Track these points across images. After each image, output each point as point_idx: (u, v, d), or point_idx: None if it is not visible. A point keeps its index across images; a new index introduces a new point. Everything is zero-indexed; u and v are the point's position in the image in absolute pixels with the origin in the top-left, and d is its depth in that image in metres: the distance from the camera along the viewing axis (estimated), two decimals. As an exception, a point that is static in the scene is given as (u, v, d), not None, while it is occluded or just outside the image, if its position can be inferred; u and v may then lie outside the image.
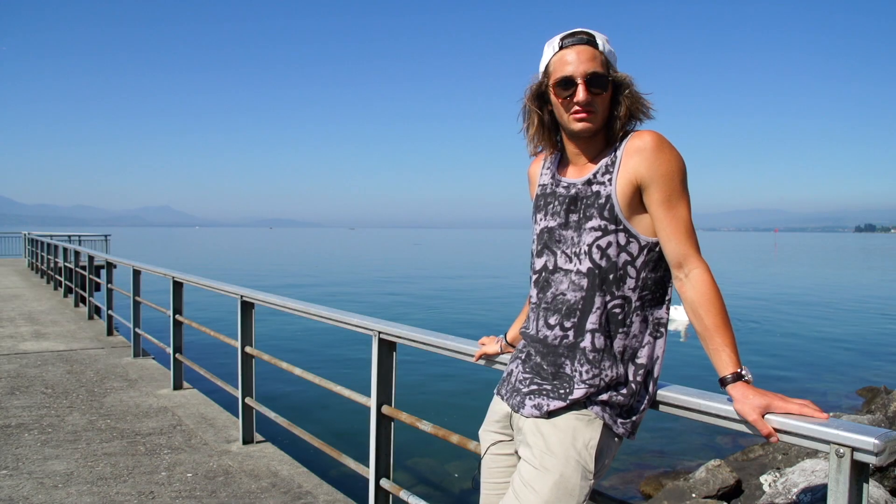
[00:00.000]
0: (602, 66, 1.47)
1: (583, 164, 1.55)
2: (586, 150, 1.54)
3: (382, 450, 2.67)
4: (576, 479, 1.45)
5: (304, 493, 3.22)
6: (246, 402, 3.90)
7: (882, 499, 4.02)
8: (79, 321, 8.57)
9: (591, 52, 1.47)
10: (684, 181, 1.46)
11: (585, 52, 1.47)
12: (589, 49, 1.48)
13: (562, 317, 1.51)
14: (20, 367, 5.79)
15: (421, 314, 17.34)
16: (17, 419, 4.28)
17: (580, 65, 1.46)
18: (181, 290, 5.13)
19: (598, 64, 1.47)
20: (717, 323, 1.41)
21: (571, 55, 1.48)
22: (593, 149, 1.53)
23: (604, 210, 1.48)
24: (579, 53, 1.47)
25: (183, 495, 3.15)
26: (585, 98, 1.46)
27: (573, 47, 1.48)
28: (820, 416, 1.26)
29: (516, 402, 1.58)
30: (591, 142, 1.53)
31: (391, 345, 2.62)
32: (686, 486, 5.00)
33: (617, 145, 1.50)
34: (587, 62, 1.46)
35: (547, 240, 1.58)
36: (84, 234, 20.47)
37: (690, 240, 1.45)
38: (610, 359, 1.47)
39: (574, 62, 1.47)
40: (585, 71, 1.46)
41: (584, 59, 1.47)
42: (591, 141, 1.53)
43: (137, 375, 5.62)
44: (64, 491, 3.15)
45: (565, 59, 1.48)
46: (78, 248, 10.68)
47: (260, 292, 3.71)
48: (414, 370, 9.55)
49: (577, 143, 1.55)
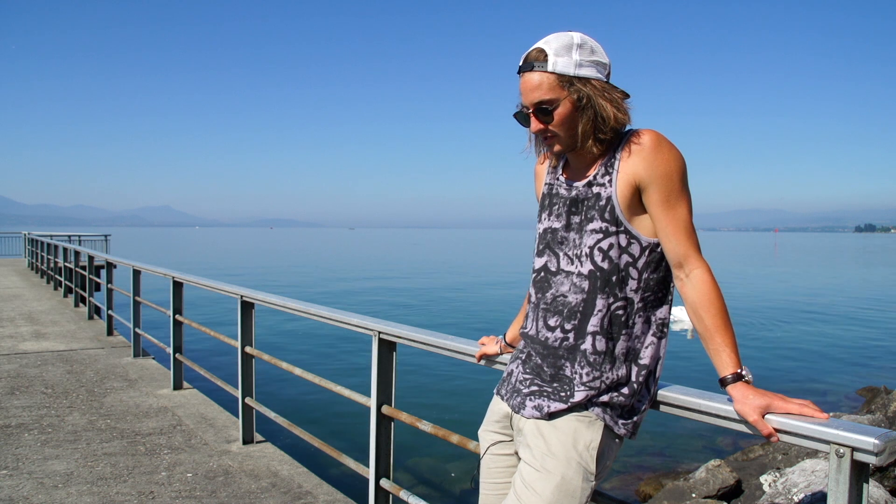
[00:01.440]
0: (549, 89, 1.44)
1: (584, 165, 1.55)
2: (584, 154, 1.53)
3: (382, 450, 2.67)
4: (577, 480, 1.45)
5: (304, 493, 3.22)
6: (246, 402, 3.90)
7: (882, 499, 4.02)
8: (79, 321, 8.57)
9: (538, 77, 1.44)
10: (684, 180, 1.44)
11: (529, 81, 1.45)
12: (535, 75, 1.45)
13: (562, 319, 1.51)
14: (20, 367, 5.79)
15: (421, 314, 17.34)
16: (17, 419, 4.28)
17: (527, 95, 1.46)
18: (181, 290, 5.13)
19: (545, 89, 1.44)
20: (718, 323, 1.40)
21: (522, 84, 1.47)
22: (590, 152, 1.52)
23: (604, 212, 1.47)
24: (525, 84, 1.46)
25: (183, 495, 3.15)
26: (536, 128, 1.47)
27: (522, 76, 1.48)
28: (820, 416, 1.26)
29: (517, 402, 1.58)
30: (583, 148, 1.52)
31: (391, 345, 2.62)
32: (686, 486, 5.00)
33: (616, 146, 1.49)
34: (530, 92, 1.45)
35: (550, 240, 1.58)
36: (84, 234, 20.48)
37: (691, 240, 1.44)
38: (610, 361, 1.47)
39: (523, 92, 1.47)
40: (531, 102, 1.46)
41: (528, 89, 1.45)
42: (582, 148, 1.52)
43: (137, 375, 5.62)
44: (64, 491, 3.15)
45: (520, 88, 1.48)
46: (78, 248, 10.68)
47: (260, 292, 3.71)
48: (414, 370, 9.55)
49: None
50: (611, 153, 1.49)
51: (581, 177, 1.54)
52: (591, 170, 1.53)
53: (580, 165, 1.55)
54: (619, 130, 1.48)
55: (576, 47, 1.43)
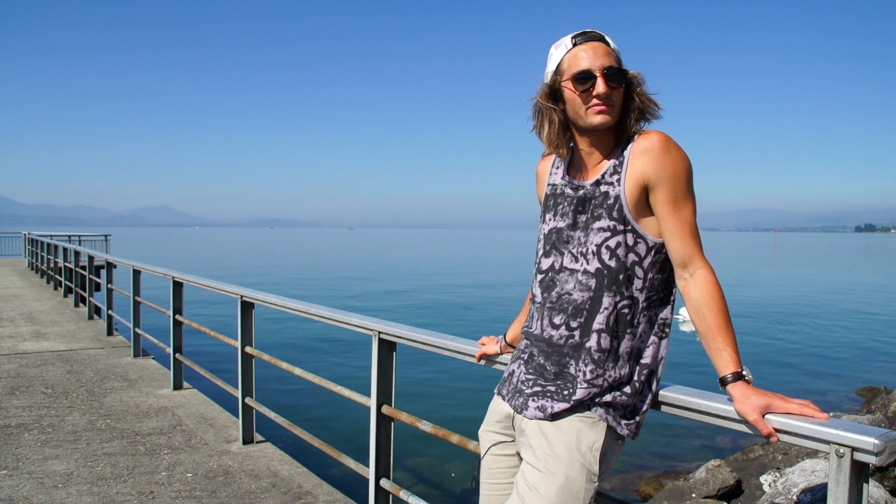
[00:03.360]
0: (616, 61, 1.49)
1: (592, 164, 1.55)
2: (598, 147, 1.54)
3: (382, 450, 2.67)
4: (581, 481, 1.45)
5: (304, 493, 3.22)
6: (246, 402, 3.90)
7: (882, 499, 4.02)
8: (79, 321, 8.57)
9: (605, 47, 1.49)
10: (690, 182, 1.47)
11: (600, 47, 1.49)
12: (602, 45, 1.49)
13: (567, 316, 1.51)
14: (20, 367, 5.79)
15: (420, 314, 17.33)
16: (17, 419, 4.28)
17: (597, 59, 1.47)
18: (181, 290, 5.13)
19: (613, 59, 1.49)
20: (720, 323, 1.41)
21: (587, 51, 1.49)
22: (604, 146, 1.53)
23: (613, 210, 1.48)
24: (594, 49, 1.48)
25: (183, 495, 3.15)
26: (605, 90, 1.47)
27: (587, 44, 1.50)
28: (820, 416, 1.26)
29: (519, 403, 1.58)
30: (603, 139, 1.53)
31: (391, 345, 2.62)
32: (686, 486, 5.00)
33: (625, 146, 1.50)
34: (603, 57, 1.48)
35: (555, 240, 1.58)
36: (84, 234, 20.48)
37: (695, 240, 1.46)
38: (614, 359, 1.48)
39: (590, 57, 1.48)
40: (603, 65, 1.47)
41: (600, 53, 1.48)
42: (603, 138, 1.52)
43: (137, 375, 5.62)
44: (64, 491, 3.15)
45: (580, 55, 1.49)
46: (78, 248, 10.68)
47: (260, 292, 3.71)
48: (414, 370, 9.55)
49: (591, 138, 1.53)
50: (619, 153, 1.50)
51: (588, 176, 1.55)
52: (598, 168, 1.53)
53: (587, 163, 1.56)
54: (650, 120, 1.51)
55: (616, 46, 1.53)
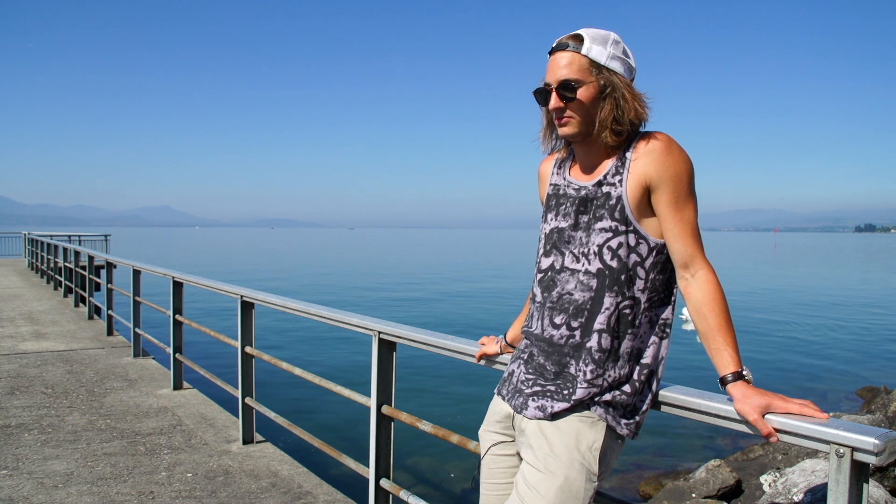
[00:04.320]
0: (578, 70, 1.46)
1: (592, 165, 1.55)
2: (592, 152, 1.54)
3: (382, 450, 2.67)
4: (580, 481, 1.45)
5: (304, 493, 3.22)
6: (246, 402, 3.90)
7: (882, 499, 4.02)
8: (79, 321, 8.57)
9: (569, 57, 1.47)
10: (692, 183, 1.47)
11: (562, 58, 1.48)
12: (567, 55, 1.47)
13: (568, 316, 1.51)
14: (20, 367, 5.79)
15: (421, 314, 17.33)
16: (17, 419, 4.28)
17: (553, 73, 1.48)
18: (181, 290, 5.13)
19: (574, 69, 1.46)
20: (721, 323, 1.42)
21: (549, 64, 1.50)
22: (599, 151, 1.53)
23: (614, 211, 1.48)
24: (555, 61, 1.49)
25: (183, 495, 3.15)
26: (556, 105, 1.48)
27: (552, 56, 1.50)
28: (820, 416, 1.26)
29: (519, 403, 1.58)
30: (593, 144, 1.52)
31: (391, 345, 2.62)
32: (686, 486, 5.00)
33: (626, 146, 1.50)
34: (560, 69, 1.47)
35: (556, 240, 1.58)
36: (84, 234, 20.48)
37: (697, 241, 1.46)
38: (615, 359, 1.48)
39: (549, 70, 1.49)
40: (557, 79, 1.47)
41: (559, 66, 1.48)
42: (593, 144, 1.52)
43: (137, 375, 5.62)
44: (64, 491, 3.15)
45: (547, 67, 1.51)
46: (78, 248, 10.68)
47: (260, 292, 3.71)
48: (414, 370, 9.55)
49: (580, 145, 1.55)
50: (622, 153, 1.50)
51: (590, 176, 1.55)
52: (600, 169, 1.53)
53: (589, 164, 1.56)
54: (637, 126, 1.49)
55: (612, 42, 1.48)
